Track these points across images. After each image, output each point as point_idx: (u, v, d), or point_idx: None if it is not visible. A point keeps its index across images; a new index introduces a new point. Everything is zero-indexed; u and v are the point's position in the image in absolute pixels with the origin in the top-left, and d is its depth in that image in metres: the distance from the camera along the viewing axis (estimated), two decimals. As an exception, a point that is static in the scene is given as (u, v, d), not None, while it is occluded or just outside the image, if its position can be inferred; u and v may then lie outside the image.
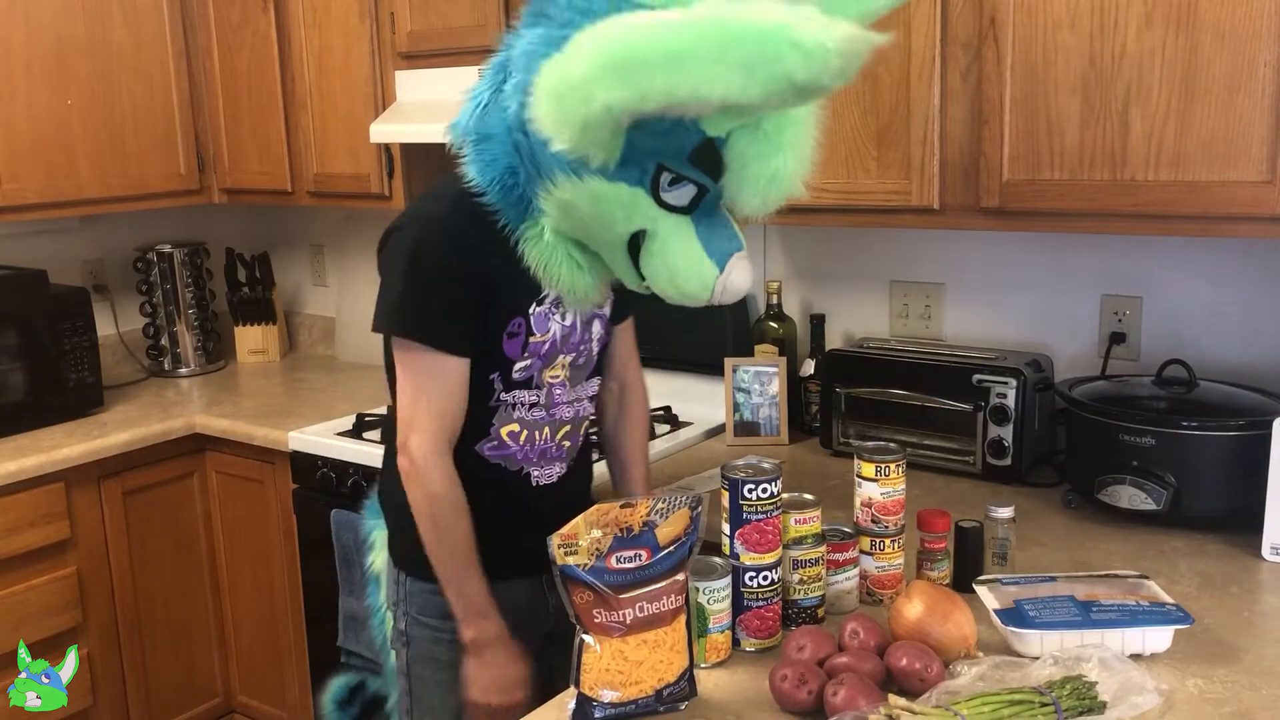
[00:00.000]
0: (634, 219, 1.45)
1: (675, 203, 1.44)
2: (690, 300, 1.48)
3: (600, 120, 1.29)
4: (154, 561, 2.87)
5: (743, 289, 1.49)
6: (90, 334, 2.90)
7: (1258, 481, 1.76)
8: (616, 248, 1.50)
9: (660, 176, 1.42)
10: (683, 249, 1.46)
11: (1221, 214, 1.76)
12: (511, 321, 1.61)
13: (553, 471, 1.73)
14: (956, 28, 1.96)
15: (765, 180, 1.43)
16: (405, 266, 1.58)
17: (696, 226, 1.46)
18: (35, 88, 2.80)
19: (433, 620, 1.73)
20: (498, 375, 1.63)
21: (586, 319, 1.70)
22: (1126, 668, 1.34)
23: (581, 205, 1.46)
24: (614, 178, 1.42)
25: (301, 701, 2.89)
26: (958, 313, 2.44)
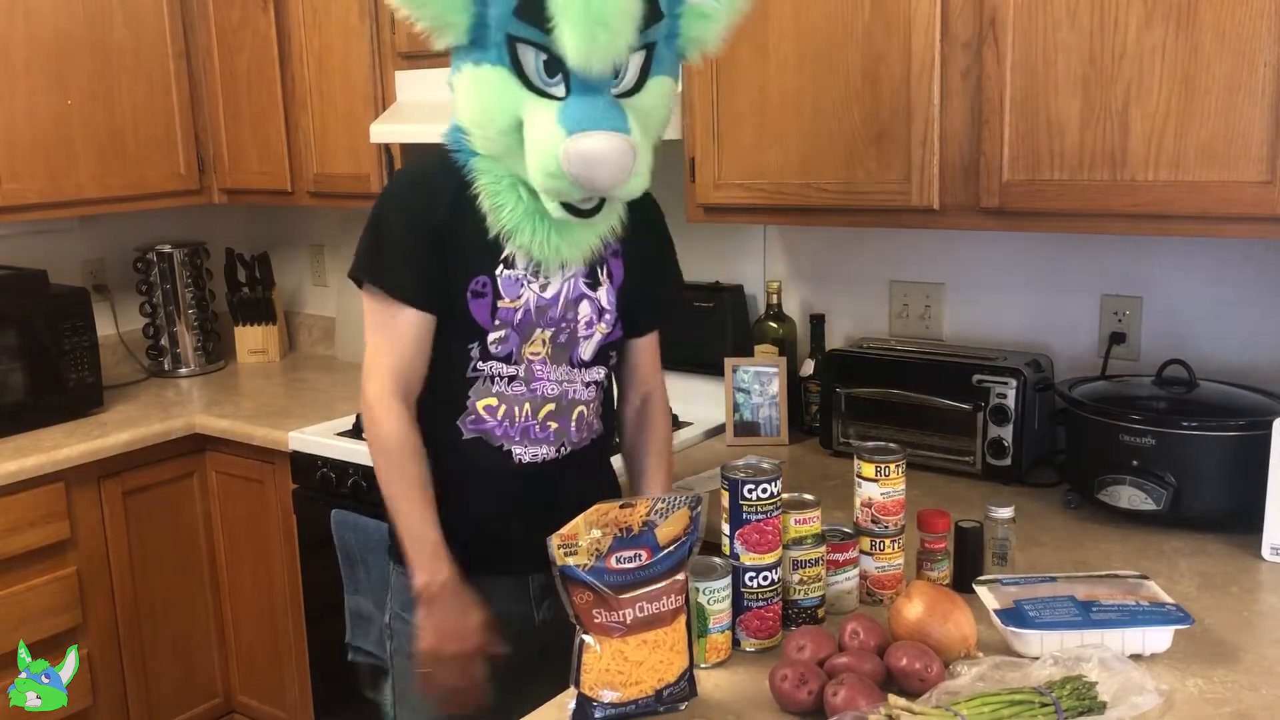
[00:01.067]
0: (508, 106, 1.47)
1: (553, 92, 1.46)
2: (551, 178, 1.46)
3: None
4: (154, 561, 2.87)
5: (596, 158, 1.44)
6: (90, 334, 2.91)
7: (1258, 481, 1.76)
8: (517, 153, 1.49)
9: (519, 52, 1.44)
10: (541, 125, 1.46)
11: (1221, 214, 1.76)
12: (474, 279, 1.58)
13: (539, 452, 1.67)
14: (956, 28, 1.96)
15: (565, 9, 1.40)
16: (373, 214, 1.62)
17: (561, 106, 1.46)
18: (35, 88, 2.80)
19: (409, 614, 1.70)
20: (475, 345, 1.61)
21: (572, 296, 1.65)
22: (1126, 668, 1.34)
23: (470, 103, 1.50)
24: (478, 59, 1.47)
25: (301, 701, 2.89)
26: (957, 313, 2.44)
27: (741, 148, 2.23)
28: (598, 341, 1.70)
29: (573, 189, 1.47)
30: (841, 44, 2.07)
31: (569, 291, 1.64)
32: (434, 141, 2.73)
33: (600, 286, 1.68)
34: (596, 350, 1.71)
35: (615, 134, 1.45)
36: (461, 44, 1.49)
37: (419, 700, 1.72)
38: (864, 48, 2.05)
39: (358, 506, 2.56)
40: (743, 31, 2.17)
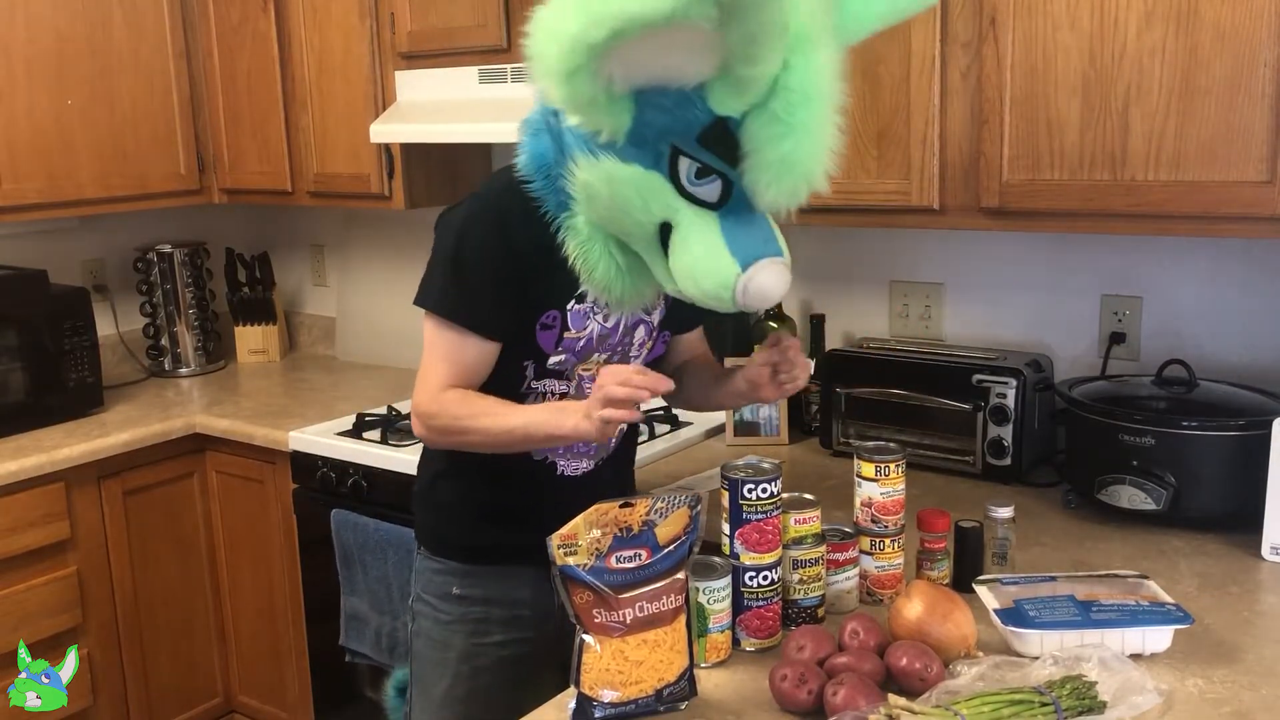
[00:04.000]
0: (653, 208, 1.42)
1: (703, 198, 1.41)
2: (713, 301, 1.43)
3: (575, 60, 1.26)
4: (154, 561, 2.87)
5: (771, 293, 1.43)
6: (90, 334, 2.91)
7: (1258, 481, 1.76)
8: (646, 241, 1.46)
9: (679, 162, 1.39)
10: (703, 243, 1.41)
11: (1221, 214, 1.76)
12: (546, 313, 1.60)
13: (579, 466, 1.73)
14: (956, 28, 1.95)
15: (776, 165, 1.37)
16: (445, 247, 1.61)
17: (724, 223, 1.41)
18: (35, 88, 2.80)
19: (433, 599, 1.76)
20: (530, 363, 1.63)
21: (631, 323, 1.68)
22: (1126, 668, 1.34)
23: (600, 188, 1.43)
24: (627, 158, 1.40)
25: (302, 701, 2.89)
26: (958, 313, 2.44)
27: (741, 148, 2.22)
28: (645, 359, 1.74)
29: (729, 309, 1.45)
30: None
31: (628, 319, 1.67)
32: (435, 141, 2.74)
33: (655, 310, 1.71)
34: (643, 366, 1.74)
35: (781, 263, 1.44)
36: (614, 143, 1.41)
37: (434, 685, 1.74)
38: (864, 48, 2.04)
39: (358, 506, 2.56)
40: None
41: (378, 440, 2.60)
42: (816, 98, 1.36)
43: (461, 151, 2.94)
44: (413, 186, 2.84)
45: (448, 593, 1.76)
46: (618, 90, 1.33)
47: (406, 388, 3.02)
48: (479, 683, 1.75)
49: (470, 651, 1.75)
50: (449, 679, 1.75)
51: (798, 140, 1.36)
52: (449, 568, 1.76)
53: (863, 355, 2.36)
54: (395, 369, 3.30)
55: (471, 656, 1.75)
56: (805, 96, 1.35)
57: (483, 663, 1.75)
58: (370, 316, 3.41)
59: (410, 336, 3.25)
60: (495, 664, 1.76)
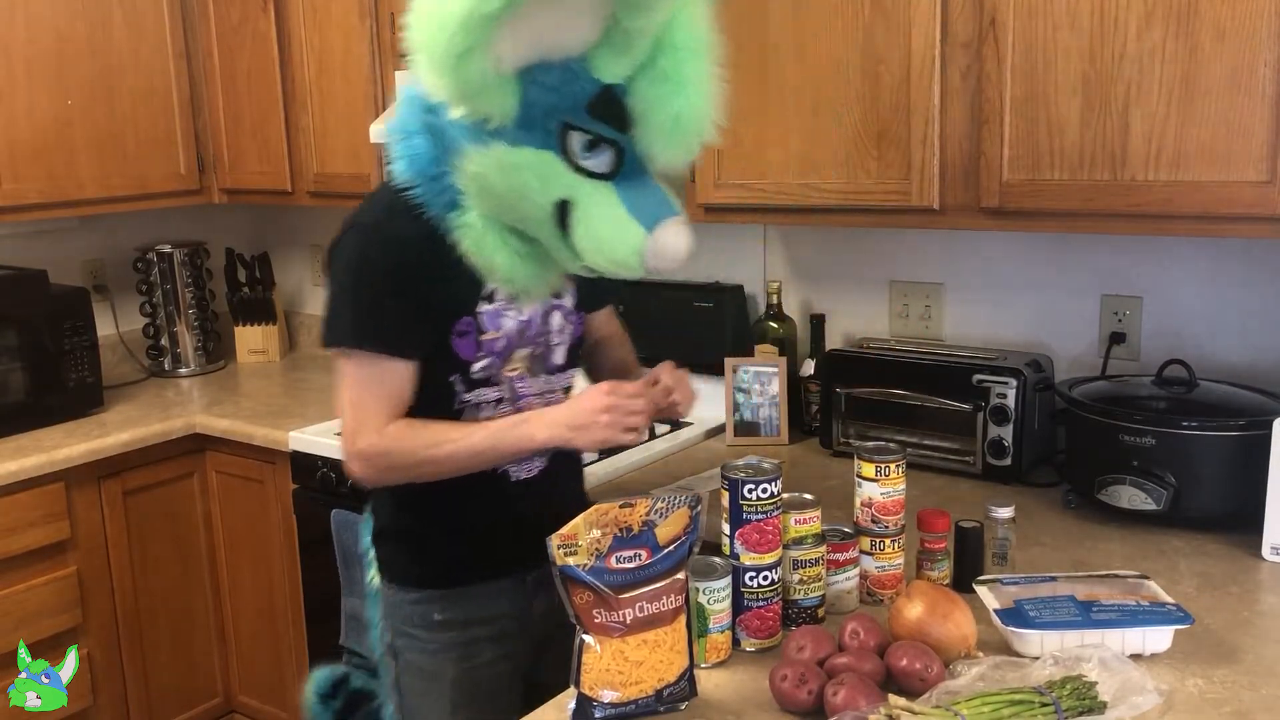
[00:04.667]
0: (550, 187, 1.41)
1: (595, 169, 1.41)
2: (624, 269, 1.44)
3: (468, 40, 1.25)
4: (154, 561, 2.87)
5: (678, 254, 1.44)
6: (90, 334, 2.91)
7: (1258, 481, 1.76)
8: (543, 224, 1.45)
9: (569, 137, 1.38)
10: (606, 215, 1.41)
11: (1221, 214, 1.76)
12: (459, 321, 1.57)
13: (531, 466, 1.69)
14: (956, 28, 1.95)
15: (670, 124, 1.38)
16: (342, 278, 1.57)
17: (621, 192, 1.41)
18: (35, 88, 2.80)
19: (417, 631, 1.71)
20: (457, 377, 1.60)
21: (544, 311, 1.66)
22: (1126, 668, 1.34)
23: (494, 178, 1.42)
24: (518, 140, 1.39)
25: (301, 701, 2.89)
26: (958, 313, 2.44)
27: (741, 148, 2.23)
28: (568, 345, 1.72)
29: (639, 274, 1.46)
30: (841, 44, 2.07)
31: (543, 309, 1.65)
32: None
33: (566, 294, 1.69)
34: (568, 353, 1.72)
35: (682, 221, 1.44)
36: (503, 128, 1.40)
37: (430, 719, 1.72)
38: (864, 48, 2.05)
39: (358, 506, 2.55)
40: (743, 31, 2.17)
41: (378, 440, 2.59)
42: (702, 52, 1.37)
43: (461, 151, 2.94)
44: (413, 186, 2.84)
45: (431, 620, 1.70)
46: (504, 71, 1.32)
47: (406, 388, 3.03)
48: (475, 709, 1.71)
49: (463, 678, 1.70)
50: (446, 710, 1.70)
51: (688, 96, 1.37)
52: (427, 595, 1.71)
53: (863, 355, 2.36)
54: (395, 369, 3.30)
55: (465, 683, 1.70)
56: (692, 52, 1.36)
57: (478, 689, 1.71)
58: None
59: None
60: (488, 685, 1.72)
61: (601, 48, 1.33)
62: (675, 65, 1.36)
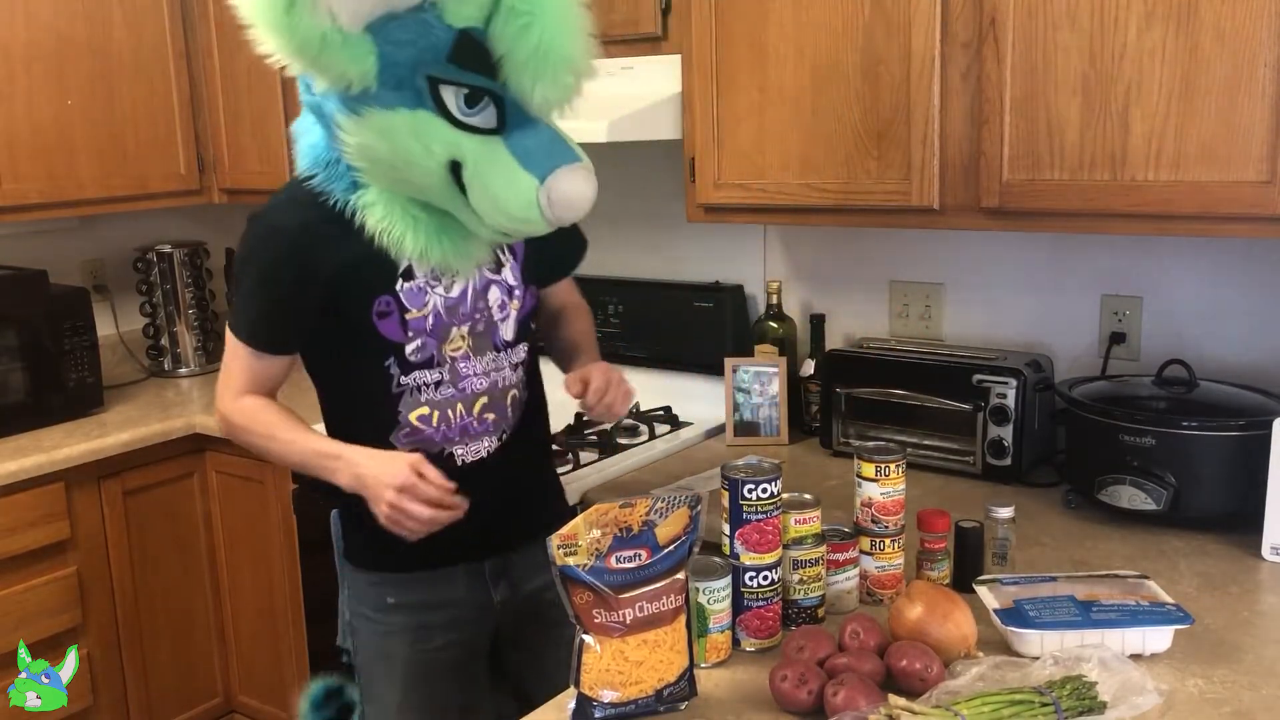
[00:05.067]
0: (434, 148, 1.38)
1: (481, 125, 1.37)
2: (524, 224, 1.40)
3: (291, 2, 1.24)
4: (154, 561, 2.87)
5: (576, 198, 1.39)
6: (90, 334, 2.90)
7: (1258, 481, 1.76)
8: (442, 189, 1.42)
9: (441, 93, 1.35)
10: (496, 170, 1.37)
11: (1221, 214, 1.76)
12: (376, 301, 1.55)
13: (480, 447, 1.66)
14: (956, 28, 1.95)
15: (532, 58, 1.33)
16: (236, 267, 1.61)
17: (510, 143, 1.38)
18: (35, 88, 2.80)
19: (371, 612, 1.73)
20: (392, 361, 1.58)
21: (479, 287, 1.61)
22: (1126, 668, 1.34)
23: (375, 146, 1.40)
24: (389, 103, 1.36)
25: (301, 701, 2.89)
26: (958, 313, 2.44)
27: (741, 148, 2.23)
28: (515, 319, 1.67)
29: (545, 229, 1.43)
30: (841, 44, 2.07)
31: (475, 283, 1.61)
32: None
33: (504, 266, 1.65)
34: (517, 328, 1.68)
35: (580, 166, 1.40)
36: (368, 90, 1.38)
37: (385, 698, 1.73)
38: (864, 48, 2.05)
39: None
40: (743, 31, 2.17)
41: (378, 440, 2.59)
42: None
43: (461, 151, 2.94)
44: (413, 186, 2.84)
45: (383, 603, 1.71)
46: (348, 26, 1.29)
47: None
48: (429, 690, 1.72)
49: (416, 660, 1.71)
50: (400, 690, 1.71)
51: (544, 27, 1.32)
52: (381, 579, 1.72)
53: (863, 355, 2.36)
54: (395, 369, 3.30)
55: (418, 664, 1.71)
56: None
57: (432, 670, 1.71)
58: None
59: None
60: (442, 668, 1.72)
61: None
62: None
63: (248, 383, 1.64)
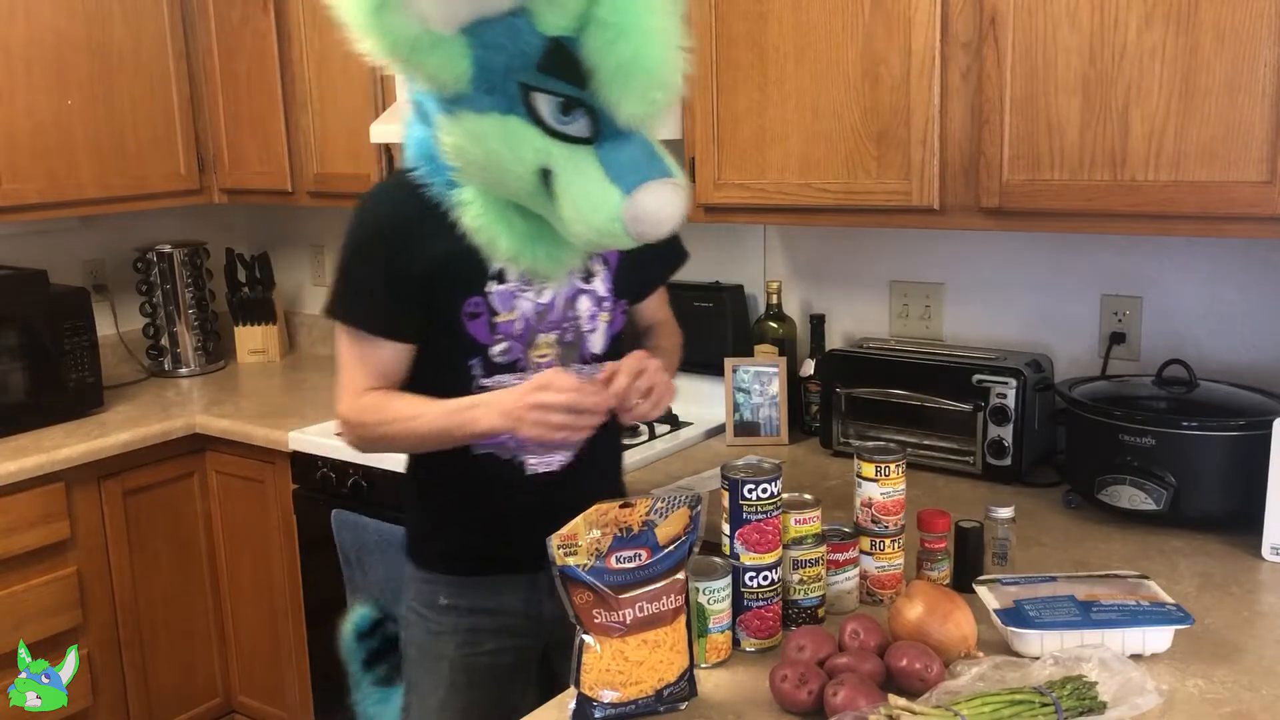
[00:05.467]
0: (524, 155, 1.36)
1: (574, 133, 1.35)
2: (607, 237, 1.37)
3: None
4: (154, 561, 2.87)
5: (661, 215, 1.36)
6: (90, 334, 2.91)
7: (1258, 481, 1.76)
8: (533, 194, 1.40)
9: (535, 100, 1.33)
10: (582, 178, 1.35)
11: (1221, 214, 1.76)
12: (468, 301, 1.54)
13: (552, 460, 1.65)
14: (956, 28, 1.96)
15: (619, 73, 1.30)
16: (340, 256, 1.60)
17: (601, 154, 1.35)
18: (35, 88, 2.80)
19: (423, 609, 1.73)
20: (476, 361, 1.57)
21: (569, 295, 1.60)
22: (1126, 668, 1.34)
23: (469, 149, 1.39)
24: (482, 107, 1.35)
25: (301, 702, 2.89)
26: (958, 313, 2.44)
27: (741, 148, 2.23)
28: (605, 333, 1.66)
29: (628, 244, 1.40)
30: (841, 44, 2.07)
31: (566, 292, 1.60)
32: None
33: (595, 277, 1.63)
34: (608, 343, 1.66)
35: (669, 182, 1.36)
36: (461, 94, 1.37)
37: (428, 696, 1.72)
38: (864, 48, 2.05)
39: (358, 506, 2.56)
40: (743, 31, 2.17)
41: (378, 440, 2.59)
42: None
43: (461, 151, 2.94)
44: (413, 186, 2.84)
45: (435, 603, 1.71)
46: (439, 29, 1.28)
47: (406, 388, 3.04)
48: (475, 694, 1.71)
49: (463, 663, 1.70)
50: (444, 690, 1.71)
51: (632, 42, 1.29)
52: (435, 578, 1.72)
53: (863, 355, 2.36)
54: (395, 369, 3.30)
55: (465, 668, 1.71)
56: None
57: (477, 675, 1.71)
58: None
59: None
60: (489, 674, 1.71)
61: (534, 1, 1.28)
62: (612, 9, 1.28)
63: (367, 376, 1.60)
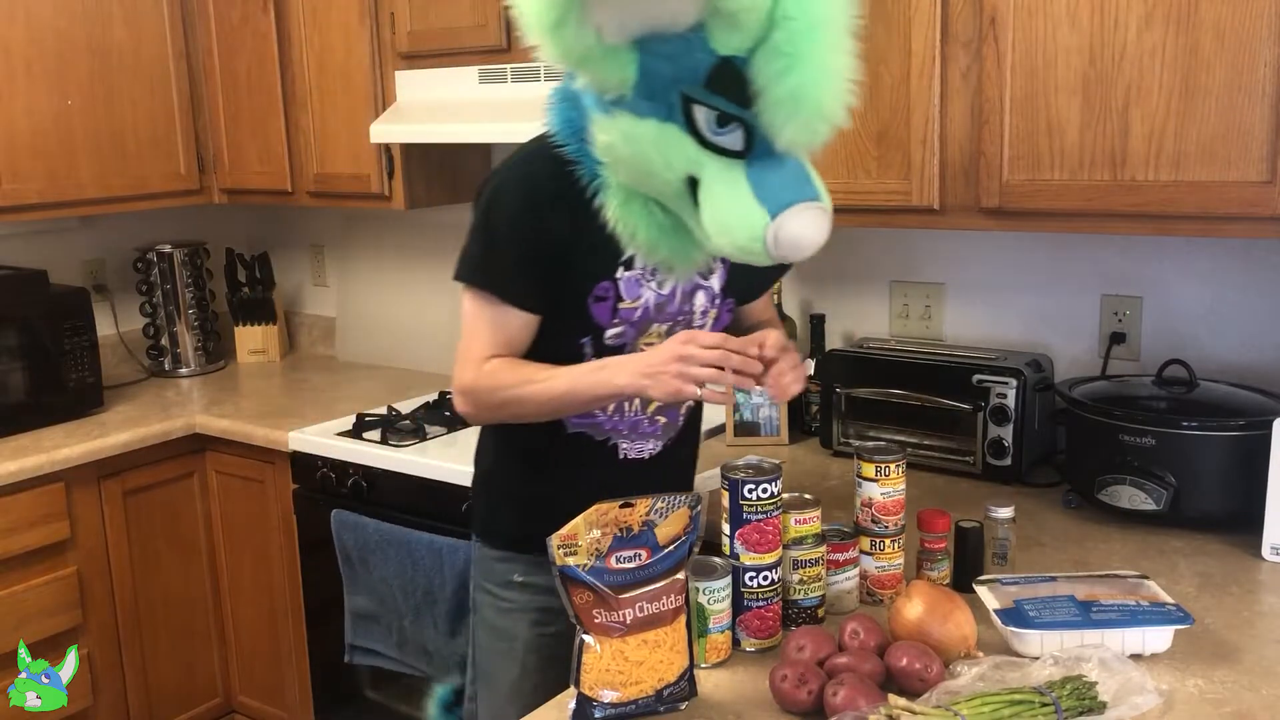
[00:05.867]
0: (674, 162, 1.36)
1: (727, 146, 1.35)
2: (747, 254, 1.37)
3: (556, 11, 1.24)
4: (154, 561, 2.87)
5: (804, 240, 1.36)
6: (90, 334, 2.91)
7: (1258, 481, 1.76)
8: (678, 198, 1.41)
9: (694, 112, 1.33)
10: (730, 193, 1.34)
11: (1221, 214, 1.76)
12: (598, 285, 1.55)
13: (644, 447, 1.67)
14: (956, 28, 1.96)
15: (787, 101, 1.29)
16: (478, 219, 1.58)
17: (751, 171, 1.35)
18: (35, 88, 2.80)
19: (494, 587, 1.73)
20: (588, 340, 1.58)
21: (688, 289, 1.61)
22: (1126, 668, 1.34)
23: (621, 148, 1.39)
24: (641, 112, 1.35)
25: (302, 702, 2.89)
26: (958, 313, 2.44)
27: (741, 148, 2.22)
28: (713, 329, 1.66)
29: (765, 261, 1.39)
30: (841, 44, 2.07)
31: (686, 286, 1.61)
32: (434, 141, 2.74)
33: (714, 274, 1.65)
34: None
35: (815, 207, 1.36)
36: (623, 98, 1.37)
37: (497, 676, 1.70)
38: (864, 48, 2.04)
39: (358, 506, 2.56)
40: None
41: (378, 440, 2.59)
42: (820, 25, 1.28)
43: (461, 152, 2.94)
44: (413, 187, 2.84)
45: (510, 580, 1.72)
46: (612, 40, 1.29)
47: (406, 388, 3.04)
48: (547, 676, 1.69)
49: (535, 642, 1.71)
50: (516, 671, 1.72)
51: (803, 72, 1.28)
52: (511, 556, 1.72)
53: (863, 355, 2.36)
54: (395, 369, 3.30)
55: (537, 647, 1.71)
56: (808, 25, 1.27)
57: (547, 654, 1.70)
58: (370, 316, 3.41)
59: (410, 337, 3.26)
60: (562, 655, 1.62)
61: (712, 20, 1.27)
62: (789, 39, 1.27)
63: (492, 344, 1.57)
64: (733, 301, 1.71)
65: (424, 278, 3.19)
